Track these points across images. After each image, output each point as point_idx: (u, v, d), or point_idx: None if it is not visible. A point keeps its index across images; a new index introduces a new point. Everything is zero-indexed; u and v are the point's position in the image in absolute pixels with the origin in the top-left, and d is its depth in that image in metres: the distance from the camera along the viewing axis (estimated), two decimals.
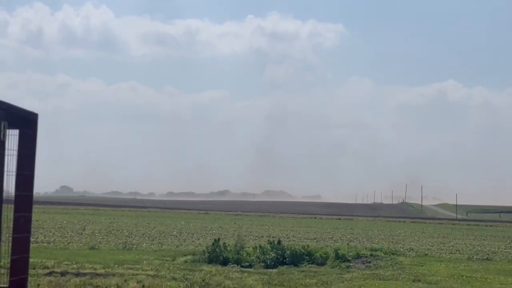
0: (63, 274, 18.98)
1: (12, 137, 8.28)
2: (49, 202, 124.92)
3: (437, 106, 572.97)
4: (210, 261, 24.02)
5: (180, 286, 17.46)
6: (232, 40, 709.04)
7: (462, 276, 22.61)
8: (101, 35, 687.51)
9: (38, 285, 16.64)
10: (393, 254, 30.24)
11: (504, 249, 40.99)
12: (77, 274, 18.95)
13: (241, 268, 22.91)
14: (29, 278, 17.42)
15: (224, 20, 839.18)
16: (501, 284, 20.80)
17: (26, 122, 6.68)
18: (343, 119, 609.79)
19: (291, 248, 25.64)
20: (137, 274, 19.43)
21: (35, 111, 7.07)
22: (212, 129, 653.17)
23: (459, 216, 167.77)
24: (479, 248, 40.09)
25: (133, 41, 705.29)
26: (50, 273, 18.97)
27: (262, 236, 41.38)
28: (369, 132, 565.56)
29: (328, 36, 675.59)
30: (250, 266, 23.66)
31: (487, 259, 31.81)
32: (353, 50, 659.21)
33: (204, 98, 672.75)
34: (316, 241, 39.40)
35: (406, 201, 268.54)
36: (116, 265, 21.71)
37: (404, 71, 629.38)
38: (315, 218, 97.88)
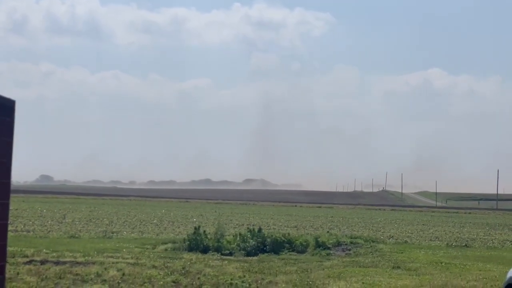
0: (42, 262, 18.91)
1: None
2: (29, 191, 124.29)
3: (422, 94, 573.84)
4: (191, 249, 24.04)
5: (160, 274, 17.46)
6: (219, 28, 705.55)
7: (441, 263, 22.76)
8: (87, 24, 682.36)
9: (18, 273, 16.57)
10: (373, 241, 30.37)
11: (483, 236, 41.29)
12: (57, 263, 18.89)
13: (222, 256, 22.96)
14: (8, 266, 17.38)
15: (210, 8, 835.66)
16: (480, 271, 20.95)
17: (4, 109, 6.63)
18: (328, 107, 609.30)
19: (271, 236, 25.70)
20: (117, 262, 19.40)
21: (17, 99, 7.00)
22: (197, 117, 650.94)
23: (439, 204, 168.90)
24: (458, 235, 40.38)
25: (119, 30, 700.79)
26: (29, 262, 18.89)
27: (243, 224, 41.44)
28: (354, 120, 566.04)
29: (315, 24, 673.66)
30: (230, 254, 23.72)
31: (466, 246, 32.04)
32: (340, 39, 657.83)
33: (190, 86, 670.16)
34: (297, 229, 39.51)
35: (386, 189, 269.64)
36: (96, 253, 21.66)
37: (390, 59, 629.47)
38: (296, 206, 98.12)
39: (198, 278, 17.19)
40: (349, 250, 26.52)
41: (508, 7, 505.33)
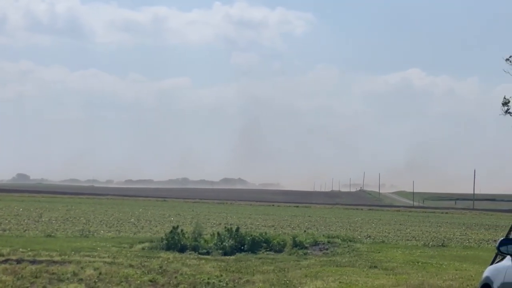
0: (18, 261, 18.80)
1: None
2: (4, 189, 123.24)
3: (402, 94, 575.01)
4: (168, 248, 24.01)
5: (137, 273, 17.41)
6: (199, 27, 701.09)
7: (418, 262, 22.88)
8: (67, 22, 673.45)
9: None
10: (350, 241, 30.44)
11: (459, 235, 41.56)
12: (33, 262, 18.78)
13: (199, 255, 22.95)
14: None
15: (191, 7, 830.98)
16: (456, 270, 21.09)
17: None
18: (308, 106, 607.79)
19: (249, 235, 25.72)
20: (94, 261, 19.32)
21: None
22: (177, 116, 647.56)
23: (416, 203, 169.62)
24: (435, 235, 40.60)
25: (100, 28, 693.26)
26: (5, 261, 18.77)
27: (220, 224, 41.40)
28: (334, 120, 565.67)
29: (297, 24, 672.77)
30: (207, 253, 23.71)
31: (442, 245, 32.22)
32: (321, 38, 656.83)
33: (170, 85, 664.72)
34: (274, 229, 39.54)
35: (364, 188, 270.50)
36: (73, 252, 21.56)
37: (371, 59, 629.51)
38: (273, 205, 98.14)
39: (175, 277, 17.17)
40: (326, 249, 26.56)
41: (486, 8, 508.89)
